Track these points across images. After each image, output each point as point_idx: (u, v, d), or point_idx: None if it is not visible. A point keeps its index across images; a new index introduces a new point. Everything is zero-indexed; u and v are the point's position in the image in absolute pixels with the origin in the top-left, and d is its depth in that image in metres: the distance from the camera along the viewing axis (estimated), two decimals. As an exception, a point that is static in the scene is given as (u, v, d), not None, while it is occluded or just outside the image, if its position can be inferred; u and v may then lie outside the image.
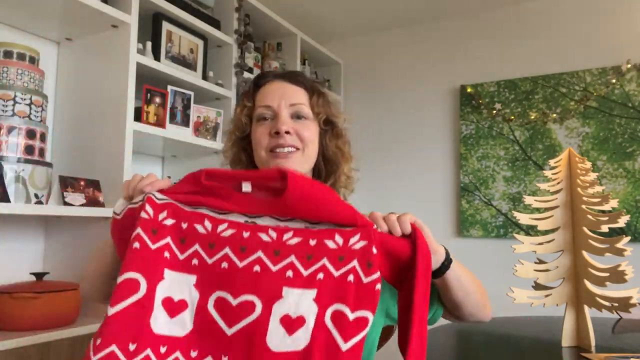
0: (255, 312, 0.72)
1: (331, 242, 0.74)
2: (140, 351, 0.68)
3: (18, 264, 1.72)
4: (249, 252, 0.74)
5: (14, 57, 1.54)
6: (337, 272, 0.73)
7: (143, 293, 0.70)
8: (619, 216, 1.19)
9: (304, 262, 0.74)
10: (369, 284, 0.73)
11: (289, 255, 0.74)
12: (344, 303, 0.72)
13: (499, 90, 2.74)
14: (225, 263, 0.74)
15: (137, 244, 0.72)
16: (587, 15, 2.59)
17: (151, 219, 0.74)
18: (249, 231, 0.75)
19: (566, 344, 1.25)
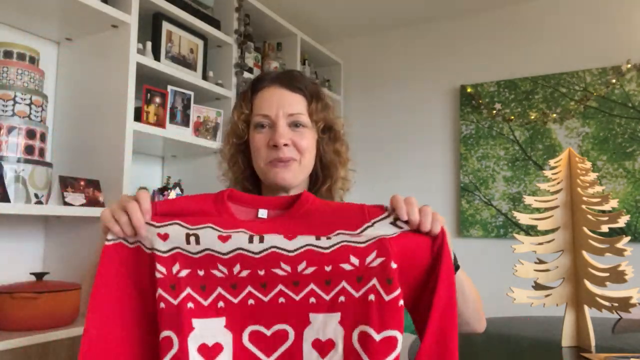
0: (289, 339, 0.75)
1: (347, 265, 0.74)
2: None
3: (18, 264, 1.72)
4: (270, 287, 0.75)
5: (14, 57, 1.54)
6: (357, 293, 0.74)
7: (177, 348, 0.72)
8: (619, 216, 1.19)
9: (323, 288, 0.75)
10: (391, 301, 0.73)
11: (308, 284, 0.75)
12: (368, 324, 0.72)
13: (499, 90, 2.74)
14: (251, 300, 0.75)
15: (163, 304, 0.74)
16: (587, 15, 2.59)
17: (166, 277, 0.75)
18: (264, 269, 0.75)
19: (566, 344, 1.25)
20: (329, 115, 1.02)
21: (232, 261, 0.75)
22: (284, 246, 0.75)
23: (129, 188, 1.69)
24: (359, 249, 0.74)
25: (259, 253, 0.74)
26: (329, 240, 0.75)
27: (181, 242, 0.75)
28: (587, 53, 2.57)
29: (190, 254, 0.75)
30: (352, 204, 0.81)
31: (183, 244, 0.75)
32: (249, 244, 0.75)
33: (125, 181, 1.67)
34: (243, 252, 0.75)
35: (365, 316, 0.73)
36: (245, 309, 0.75)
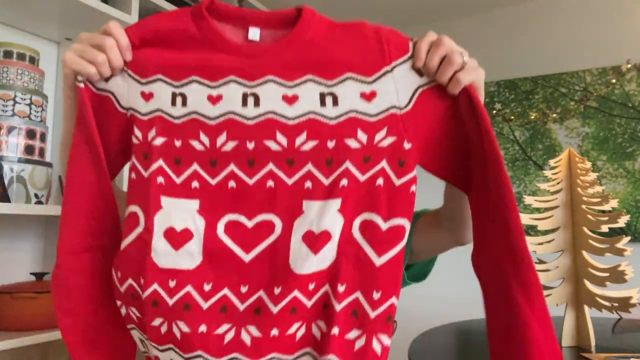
0: (275, 233, 0.63)
1: (353, 140, 0.63)
2: (148, 286, 0.62)
3: (18, 264, 1.72)
4: (258, 165, 0.64)
5: (14, 57, 1.54)
6: (362, 177, 0.63)
7: (142, 227, 0.63)
8: (619, 216, 1.19)
9: (323, 169, 0.63)
10: (403, 186, 0.63)
11: (305, 163, 0.63)
12: (374, 211, 0.62)
13: (499, 90, 2.74)
14: (232, 182, 0.64)
15: (134, 174, 0.65)
16: (587, 15, 2.59)
17: (141, 143, 0.65)
18: (254, 140, 0.63)
19: (566, 344, 1.25)
20: None
21: (218, 129, 0.64)
22: (283, 112, 0.63)
23: (129, 188, 1.69)
24: (369, 124, 0.63)
25: (253, 119, 0.64)
26: (336, 107, 0.63)
27: (165, 103, 0.65)
28: (587, 53, 2.56)
29: (171, 119, 0.65)
30: (366, 29, 0.66)
31: (167, 107, 0.65)
32: (242, 108, 0.64)
33: (125, 181, 1.67)
34: (234, 118, 0.64)
35: (370, 202, 0.62)
36: (223, 193, 0.64)
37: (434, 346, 1.26)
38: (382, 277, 0.62)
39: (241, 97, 0.64)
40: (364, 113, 0.63)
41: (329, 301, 0.62)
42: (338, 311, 0.61)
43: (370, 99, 0.63)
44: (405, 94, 0.63)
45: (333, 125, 0.63)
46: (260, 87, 0.64)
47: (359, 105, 0.63)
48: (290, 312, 0.62)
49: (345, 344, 0.62)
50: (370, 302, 0.62)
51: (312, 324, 0.63)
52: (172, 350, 0.63)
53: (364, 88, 0.63)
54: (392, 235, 0.62)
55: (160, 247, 0.63)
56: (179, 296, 0.62)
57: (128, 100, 0.65)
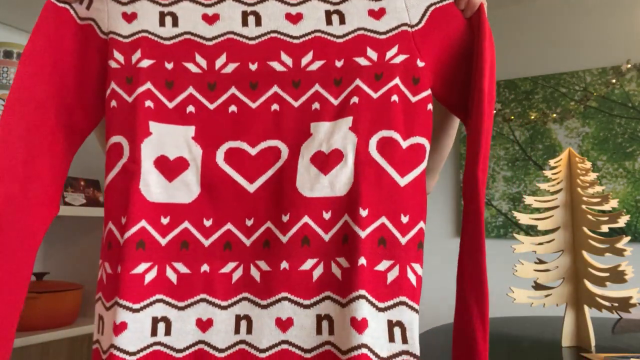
0: (281, 159, 0.57)
1: (362, 59, 0.58)
2: (132, 224, 0.55)
3: (18, 264, 1.72)
4: (262, 88, 0.58)
5: (14, 57, 1.54)
6: (375, 94, 0.58)
7: (127, 156, 0.56)
8: (619, 216, 1.18)
9: (331, 90, 0.58)
10: (419, 103, 0.59)
11: (312, 85, 0.58)
12: (392, 128, 0.57)
13: (499, 90, 2.74)
14: (233, 106, 0.58)
15: (114, 102, 0.58)
16: (587, 15, 2.59)
17: (123, 67, 0.58)
18: (257, 61, 0.58)
19: (566, 344, 1.25)
20: None
21: (216, 50, 0.58)
22: (288, 31, 0.59)
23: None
24: (378, 41, 0.59)
25: (255, 39, 0.59)
26: (342, 25, 0.59)
27: (152, 24, 0.59)
28: (587, 53, 2.57)
29: (160, 40, 0.59)
30: None
31: (154, 27, 0.59)
32: (242, 27, 0.59)
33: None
34: (234, 38, 0.59)
35: (387, 119, 0.57)
36: (223, 117, 0.58)
37: (434, 346, 1.26)
38: (409, 198, 0.56)
39: (241, 15, 0.59)
40: (372, 31, 0.59)
41: (349, 231, 0.55)
42: (363, 238, 0.54)
43: (379, 17, 0.59)
44: (417, 11, 0.60)
45: (340, 43, 0.59)
46: (262, 4, 0.59)
47: (367, 23, 0.59)
48: (302, 242, 0.55)
49: (375, 276, 0.55)
50: (398, 227, 0.56)
51: (332, 262, 0.55)
52: (160, 303, 0.55)
53: (372, 5, 0.60)
54: (413, 154, 0.57)
55: (151, 178, 0.56)
56: (174, 234, 0.56)
57: (108, 25, 0.59)
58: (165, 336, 0.54)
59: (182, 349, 0.54)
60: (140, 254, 0.54)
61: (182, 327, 0.55)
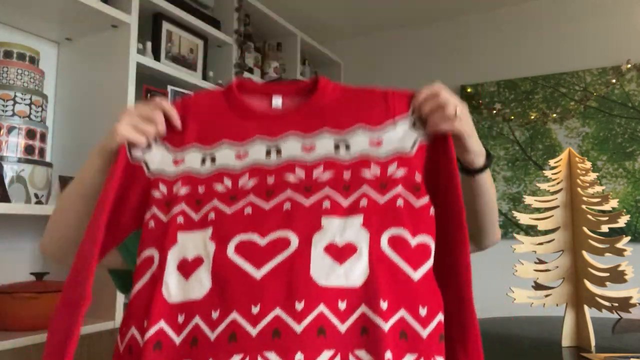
0: (291, 247, 0.60)
1: (367, 171, 0.65)
2: (152, 325, 0.58)
3: (18, 264, 1.72)
4: (276, 194, 0.64)
5: (14, 57, 1.54)
6: (382, 199, 0.63)
7: (156, 264, 0.62)
8: (619, 216, 1.18)
9: (341, 193, 0.63)
10: (422, 208, 0.63)
11: (322, 188, 0.64)
12: (402, 226, 0.61)
13: (499, 90, 2.74)
14: (249, 208, 0.63)
15: (152, 222, 0.66)
16: (587, 15, 2.59)
17: (165, 196, 0.67)
18: (274, 174, 0.66)
19: (566, 344, 1.25)
20: None
21: (242, 173, 0.67)
22: (302, 158, 0.67)
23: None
24: (380, 161, 0.66)
25: (275, 165, 0.67)
26: (348, 151, 0.67)
27: (194, 165, 0.69)
28: (587, 53, 2.57)
29: (198, 175, 0.68)
30: (375, 91, 0.72)
31: (196, 166, 0.69)
32: (265, 158, 0.68)
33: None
34: (257, 165, 0.68)
35: (395, 219, 0.62)
36: (238, 218, 0.63)
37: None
38: (424, 291, 0.59)
39: (265, 150, 0.68)
40: (374, 155, 0.67)
41: (369, 324, 0.56)
42: (386, 331, 0.55)
43: (379, 145, 0.68)
44: (409, 141, 0.68)
45: (347, 163, 0.67)
46: (283, 140, 0.69)
47: (369, 150, 0.68)
48: (318, 332, 0.55)
49: None
50: (418, 319, 0.58)
51: (349, 354, 0.55)
52: None
53: (373, 136, 0.68)
54: (421, 251, 0.61)
55: (172, 280, 0.61)
56: (186, 331, 0.58)
57: (157, 166, 0.70)
58: None
59: None
60: (157, 354, 0.58)
61: None
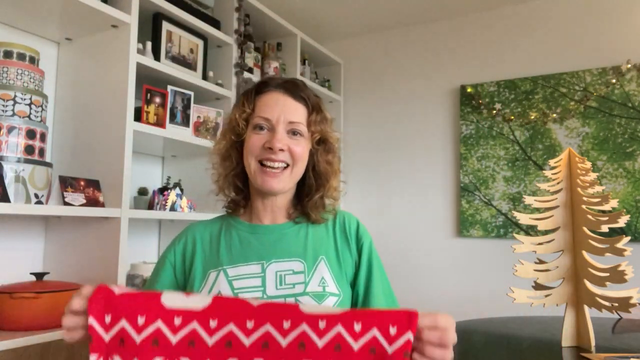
0: None
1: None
2: (149, 323, 0.67)
3: (18, 264, 1.72)
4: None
5: (14, 57, 1.54)
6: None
7: None
8: (619, 216, 1.19)
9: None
10: None
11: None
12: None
13: (499, 90, 2.74)
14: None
15: None
16: (588, 15, 2.59)
17: None
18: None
19: (566, 344, 1.25)
20: (326, 128, 1.04)
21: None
22: None
23: (129, 188, 1.69)
24: None
25: None
26: None
27: None
28: (587, 53, 2.57)
29: None
30: None
31: None
32: None
33: (125, 181, 1.67)
34: None
35: None
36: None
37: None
38: None
39: None
40: None
41: (342, 341, 0.66)
42: (356, 350, 0.65)
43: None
44: None
45: None
46: None
47: None
48: (299, 346, 0.66)
49: None
50: (388, 339, 0.66)
51: None
52: None
53: None
54: None
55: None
56: (183, 333, 0.67)
57: None
58: None
59: None
60: (154, 349, 0.67)
61: None
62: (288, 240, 0.98)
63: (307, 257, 0.95)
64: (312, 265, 0.94)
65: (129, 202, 1.70)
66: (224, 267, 0.95)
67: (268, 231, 1.00)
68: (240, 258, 0.96)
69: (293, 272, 0.93)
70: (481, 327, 1.47)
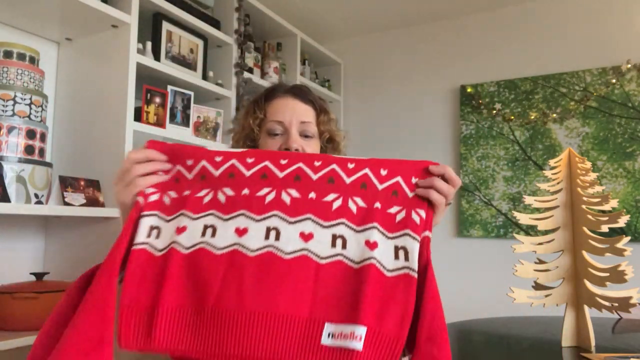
0: None
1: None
2: (197, 163, 0.78)
3: (18, 264, 1.72)
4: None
5: (14, 57, 1.54)
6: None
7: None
8: (619, 216, 1.18)
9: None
10: None
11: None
12: None
13: (499, 90, 2.74)
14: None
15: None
16: (587, 15, 2.59)
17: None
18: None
19: (566, 344, 1.25)
20: (333, 127, 1.11)
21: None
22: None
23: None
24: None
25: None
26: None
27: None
28: (587, 53, 2.57)
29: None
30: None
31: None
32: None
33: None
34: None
35: None
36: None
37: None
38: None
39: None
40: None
41: (368, 181, 0.77)
42: (380, 189, 0.77)
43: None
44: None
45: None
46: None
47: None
48: (328, 181, 0.77)
49: (387, 215, 0.76)
50: (409, 185, 0.78)
51: (349, 199, 0.76)
52: (211, 216, 0.75)
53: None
54: None
55: None
56: (224, 168, 0.78)
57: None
58: (211, 238, 0.73)
59: (222, 248, 0.73)
60: (202, 183, 0.78)
61: (224, 232, 0.74)
62: None
63: None
64: None
65: (129, 202, 1.70)
66: None
67: None
68: None
69: None
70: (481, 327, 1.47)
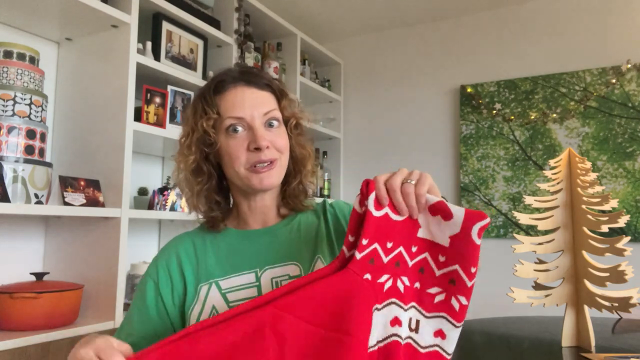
0: None
1: None
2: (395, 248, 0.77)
3: (18, 264, 1.72)
4: None
5: (14, 57, 1.54)
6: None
7: None
8: (619, 216, 1.18)
9: None
10: None
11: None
12: None
13: (499, 90, 2.74)
14: None
15: None
16: (587, 15, 2.59)
17: None
18: None
19: (566, 344, 1.25)
20: (296, 110, 0.97)
21: None
22: None
23: (129, 188, 1.69)
24: None
25: None
26: None
27: None
28: (587, 53, 2.57)
29: None
30: None
31: None
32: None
33: (125, 181, 1.67)
34: None
35: None
36: None
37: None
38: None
39: None
40: None
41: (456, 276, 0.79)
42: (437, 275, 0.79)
43: None
44: None
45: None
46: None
47: None
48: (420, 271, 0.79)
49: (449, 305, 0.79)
50: (468, 275, 0.79)
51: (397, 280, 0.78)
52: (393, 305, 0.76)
53: None
54: None
55: None
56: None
57: None
58: None
59: None
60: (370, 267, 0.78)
61: None
62: (280, 243, 0.92)
63: (302, 259, 0.90)
64: (309, 267, 0.88)
65: (129, 202, 1.70)
66: (215, 279, 0.88)
67: (258, 235, 0.94)
68: (232, 268, 0.89)
69: (289, 277, 0.87)
70: (481, 327, 1.47)
